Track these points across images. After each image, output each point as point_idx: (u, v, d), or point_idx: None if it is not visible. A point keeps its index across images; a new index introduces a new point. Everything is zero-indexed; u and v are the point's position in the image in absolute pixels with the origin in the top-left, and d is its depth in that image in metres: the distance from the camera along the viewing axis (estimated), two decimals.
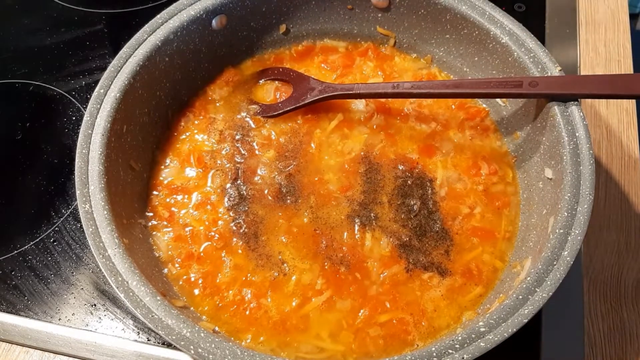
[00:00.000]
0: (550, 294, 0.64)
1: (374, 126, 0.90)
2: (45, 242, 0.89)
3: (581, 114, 0.75)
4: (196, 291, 0.76)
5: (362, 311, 0.74)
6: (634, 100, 0.99)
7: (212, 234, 0.80)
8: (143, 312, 0.64)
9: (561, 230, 0.68)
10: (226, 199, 0.83)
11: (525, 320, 0.62)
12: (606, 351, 0.79)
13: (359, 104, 0.91)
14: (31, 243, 0.89)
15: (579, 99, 0.76)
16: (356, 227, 0.80)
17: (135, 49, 0.83)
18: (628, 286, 0.83)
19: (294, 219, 0.81)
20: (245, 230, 0.80)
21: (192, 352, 0.61)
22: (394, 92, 0.84)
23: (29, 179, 0.96)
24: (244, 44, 0.96)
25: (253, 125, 0.91)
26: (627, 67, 1.04)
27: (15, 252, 0.88)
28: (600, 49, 1.07)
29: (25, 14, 1.19)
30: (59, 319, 0.82)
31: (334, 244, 0.79)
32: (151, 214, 0.83)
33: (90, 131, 0.76)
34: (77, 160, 0.74)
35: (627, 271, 0.84)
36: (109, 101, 0.79)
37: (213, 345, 0.62)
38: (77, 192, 0.72)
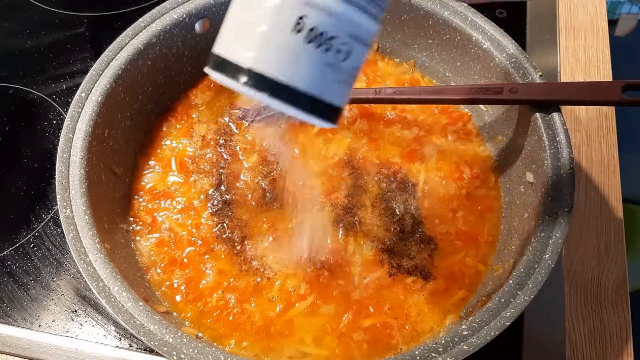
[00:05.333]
0: (532, 296, 0.64)
1: (357, 131, 0.90)
2: (25, 247, 0.88)
3: (561, 119, 0.76)
4: (179, 297, 0.76)
5: (345, 315, 0.74)
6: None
7: (195, 239, 0.80)
8: (125, 318, 0.63)
9: (542, 234, 0.69)
10: (209, 204, 0.83)
11: (508, 323, 0.63)
12: (587, 353, 0.80)
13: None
14: (10, 249, 0.88)
15: (559, 105, 0.77)
16: (340, 232, 0.80)
17: (118, 53, 0.83)
18: (608, 289, 0.84)
19: (278, 224, 0.81)
20: (229, 235, 0.80)
21: (175, 358, 0.61)
22: (376, 97, 0.85)
23: (8, 184, 0.95)
24: None
25: (236, 130, 0.90)
26: (606, 73, 1.06)
27: None
28: (580, 55, 1.08)
29: (4, 16, 1.18)
30: (39, 326, 0.81)
31: (317, 248, 0.79)
32: (133, 219, 0.82)
33: (71, 135, 0.76)
34: (57, 164, 0.73)
35: (607, 274, 0.86)
36: (90, 105, 0.78)
37: (196, 351, 0.61)
38: (58, 196, 0.71)
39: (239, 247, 0.79)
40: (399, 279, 0.77)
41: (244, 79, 0.44)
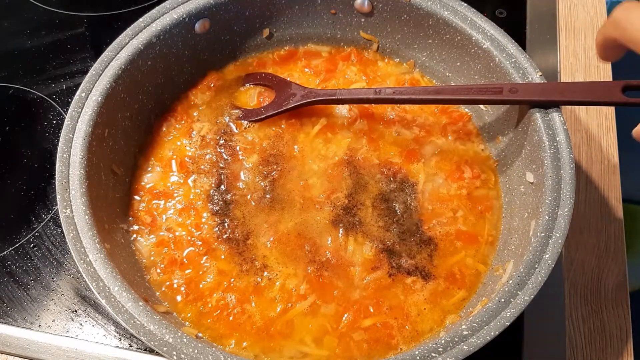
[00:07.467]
0: (532, 296, 0.64)
1: (357, 131, 0.90)
2: (25, 247, 0.88)
3: (561, 119, 0.76)
4: (179, 297, 0.76)
5: (346, 315, 0.74)
6: None
7: (195, 239, 0.80)
8: (125, 318, 0.63)
9: (542, 234, 0.69)
10: (209, 204, 0.83)
11: (508, 323, 0.63)
12: (587, 353, 0.80)
13: (343, 109, 0.91)
14: (10, 249, 0.88)
15: (559, 105, 0.77)
16: (340, 232, 0.80)
17: (118, 53, 0.83)
18: (608, 289, 0.84)
19: (278, 224, 0.81)
20: (229, 235, 0.80)
21: (175, 358, 0.61)
22: (376, 97, 0.84)
23: (8, 184, 0.95)
24: (227, 48, 0.96)
25: (236, 130, 0.90)
26: (606, 73, 1.06)
27: None
28: (580, 55, 1.08)
29: (4, 16, 1.18)
30: (39, 326, 0.81)
31: (318, 248, 0.79)
32: (133, 219, 0.82)
33: (71, 135, 0.76)
34: (57, 164, 0.73)
35: (607, 274, 0.86)
36: (90, 105, 0.78)
37: (196, 351, 0.61)
38: (58, 196, 0.71)
39: (239, 247, 0.79)
40: (398, 279, 0.77)
41: None
